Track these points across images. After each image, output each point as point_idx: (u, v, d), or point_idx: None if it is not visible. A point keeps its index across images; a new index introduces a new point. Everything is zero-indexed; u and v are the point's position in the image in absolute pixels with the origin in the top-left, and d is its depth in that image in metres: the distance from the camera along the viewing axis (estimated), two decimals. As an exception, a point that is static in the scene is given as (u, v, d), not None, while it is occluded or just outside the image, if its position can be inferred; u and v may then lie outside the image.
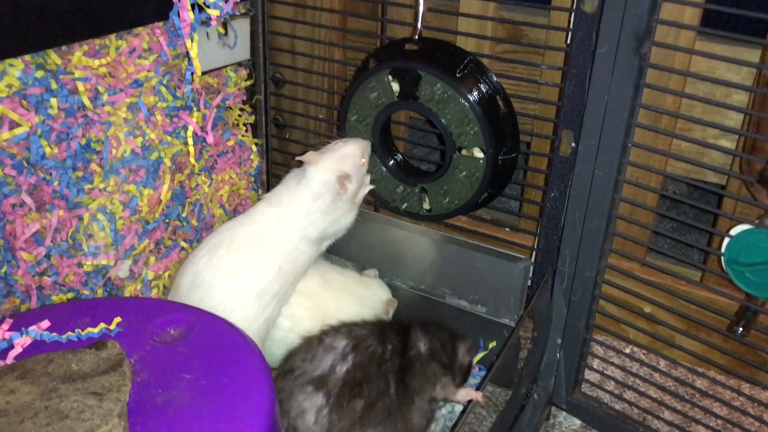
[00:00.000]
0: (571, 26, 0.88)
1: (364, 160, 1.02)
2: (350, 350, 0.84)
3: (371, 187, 1.07)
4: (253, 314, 0.93)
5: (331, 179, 0.97)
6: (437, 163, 1.10)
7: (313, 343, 0.87)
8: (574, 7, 0.85)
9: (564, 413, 1.03)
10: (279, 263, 0.95)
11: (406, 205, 1.09)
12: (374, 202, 1.15)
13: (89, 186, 0.92)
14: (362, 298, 1.05)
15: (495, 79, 0.99)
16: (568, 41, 0.90)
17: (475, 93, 0.96)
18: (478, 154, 0.98)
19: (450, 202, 1.04)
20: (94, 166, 0.92)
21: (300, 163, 1.00)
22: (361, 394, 0.81)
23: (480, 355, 1.08)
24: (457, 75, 0.95)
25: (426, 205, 1.07)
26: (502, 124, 0.99)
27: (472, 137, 0.97)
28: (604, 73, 0.82)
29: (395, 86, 1.01)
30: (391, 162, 1.09)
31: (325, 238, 1.02)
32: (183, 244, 1.07)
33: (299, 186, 0.98)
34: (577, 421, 1.02)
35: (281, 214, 0.97)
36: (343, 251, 1.19)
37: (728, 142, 1.01)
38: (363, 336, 0.86)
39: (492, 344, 1.08)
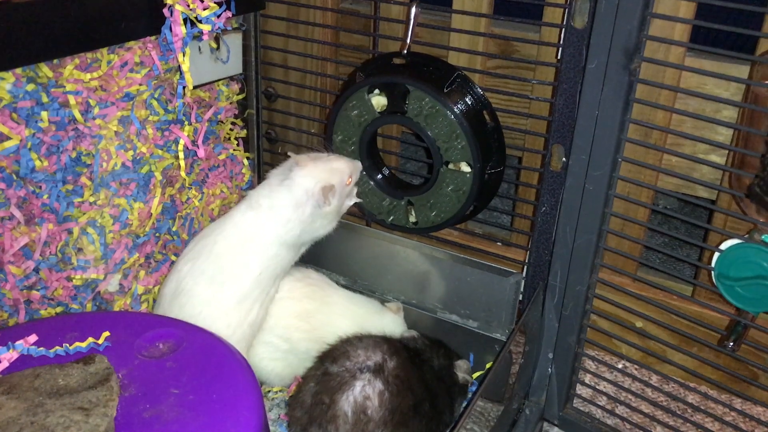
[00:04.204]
0: (561, 42, 0.88)
1: (351, 179, 1.00)
2: (392, 353, 0.88)
3: (356, 200, 1.06)
4: (236, 321, 0.93)
5: (316, 189, 0.94)
6: (425, 176, 1.10)
7: (357, 339, 0.90)
8: (565, 22, 0.86)
9: (556, 429, 1.02)
10: (260, 269, 0.95)
11: (392, 217, 1.09)
12: (365, 216, 1.15)
13: (79, 199, 0.91)
14: (366, 329, 1.01)
15: (481, 93, 0.99)
16: (559, 56, 0.91)
17: (463, 108, 0.96)
18: (465, 168, 0.98)
19: (437, 216, 1.04)
20: (84, 180, 0.92)
21: (288, 158, 0.98)
22: (412, 390, 0.86)
23: (476, 374, 1.08)
24: (445, 90, 0.96)
25: (412, 218, 1.07)
26: (489, 139, 0.99)
27: (460, 152, 0.97)
28: (594, 88, 0.82)
29: (375, 102, 1.01)
30: (378, 176, 1.09)
31: (304, 243, 1.00)
32: (173, 258, 1.06)
33: (281, 189, 0.95)
34: (569, 437, 1.02)
35: (261, 219, 0.95)
36: (334, 265, 1.19)
37: (718, 157, 1.02)
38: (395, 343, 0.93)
39: (489, 365, 1.07)
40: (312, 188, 0.94)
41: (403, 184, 1.11)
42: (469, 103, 0.98)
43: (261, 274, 0.95)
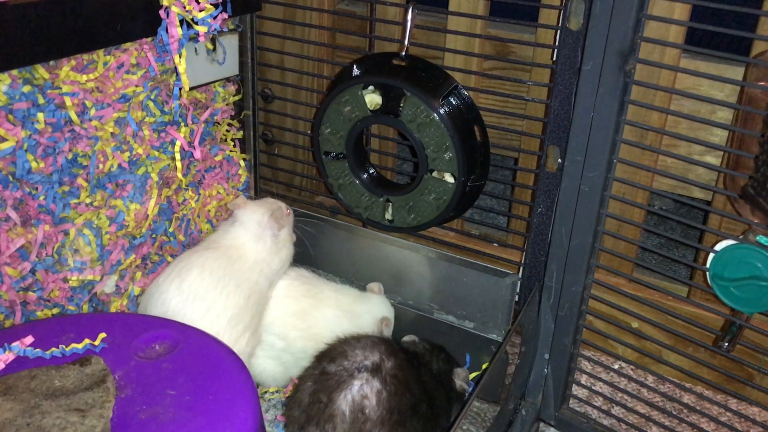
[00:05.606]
0: (556, 43, 0.88)
1: (288, 210, 1.07)
2: (390, 353, 0.88)
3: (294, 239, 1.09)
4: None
5: (265, 218, 1.00)
6: (413, 174, 1.11)
7: (354, 339, 0.90)
8: (560, 24, 0.86)
9: (552, 429, 1.03)
10: (248, 292, 0.96)
11: (368, 213, 1.10)
12: (344, 209, 1.15)
13: (75, 201, 0.91)
14: (355, 315, 1.04)
15: (475, 108, 1.00)
16: (554, 58, 0.91)
17: (456, 121, 0.97)
18: (449, 179, 1.00)
19: (414, 219, 1.06)
20: (80, 181, 0.92)
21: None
22: (410, 391, 0.85)
23: (472, 375, 1.08)
24: (442, 102, 0.96)
25: (388, 216, 1.09)
26: (476, 153, 1.01)
27: (447, 163, 0.98)
28: (590, 89, 0.83)
29: (369, 99, 1.02)
30: (363, 174, 1.10)
31: (274, 279, 1.03)
32: (170, 259, 1.06)
33: (234, 229, 1.00)
34: (566, 437, 1.02)
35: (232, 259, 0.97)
36: (331, 266, 1.19)
37: (713, 158, 1.02)
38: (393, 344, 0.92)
39: (485, 365, 1.07)
40: (261, 218, 1.00)
41: (386, 183, 1.12)
42: (463, 116, 0.99)
43: (249, 297, 0.95)
